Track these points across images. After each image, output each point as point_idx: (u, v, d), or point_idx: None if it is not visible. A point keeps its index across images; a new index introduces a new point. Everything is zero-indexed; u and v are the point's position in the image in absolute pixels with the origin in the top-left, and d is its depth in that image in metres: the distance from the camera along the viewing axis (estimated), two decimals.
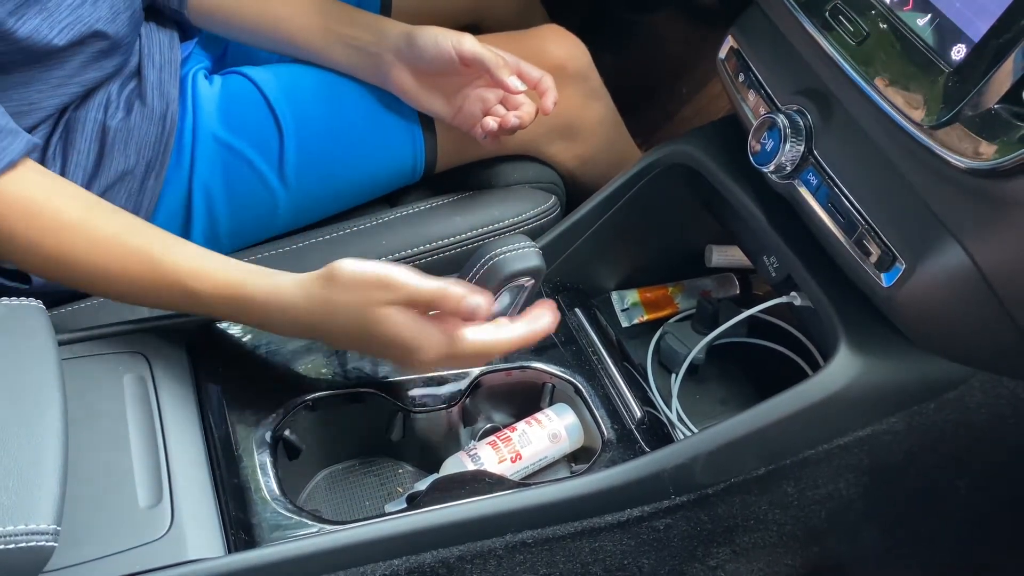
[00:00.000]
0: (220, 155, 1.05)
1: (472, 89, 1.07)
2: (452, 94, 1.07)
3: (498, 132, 1.06)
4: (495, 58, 1.03)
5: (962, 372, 0.84)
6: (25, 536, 0.63)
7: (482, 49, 1.03)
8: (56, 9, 0.92)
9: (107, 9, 0.97)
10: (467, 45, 1.03)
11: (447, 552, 0.78)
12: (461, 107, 1.07)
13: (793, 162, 0.86)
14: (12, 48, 0.91)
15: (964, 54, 0.72)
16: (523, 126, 1.06)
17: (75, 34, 0.94)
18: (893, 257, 0.78)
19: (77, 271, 0.83)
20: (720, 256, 1.11)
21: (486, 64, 1.03)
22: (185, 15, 1.09)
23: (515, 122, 1.05)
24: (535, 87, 1.06)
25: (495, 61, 1.03)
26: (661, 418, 0.95)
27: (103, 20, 0.96)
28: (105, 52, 0.99)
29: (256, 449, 0.83)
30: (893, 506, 0.92)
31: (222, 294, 0.82)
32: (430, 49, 1.04)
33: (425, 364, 0.80)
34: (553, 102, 1.05)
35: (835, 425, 0.84)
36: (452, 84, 1.07)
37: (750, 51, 0.95)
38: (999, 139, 0.68)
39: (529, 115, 1.06)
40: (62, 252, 0.82)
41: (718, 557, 0.89)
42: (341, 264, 0.79)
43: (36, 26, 0.91)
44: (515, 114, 1.05)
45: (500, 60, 1.03)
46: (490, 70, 1.03)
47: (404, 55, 1.06)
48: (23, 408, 0.70)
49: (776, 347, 1.03)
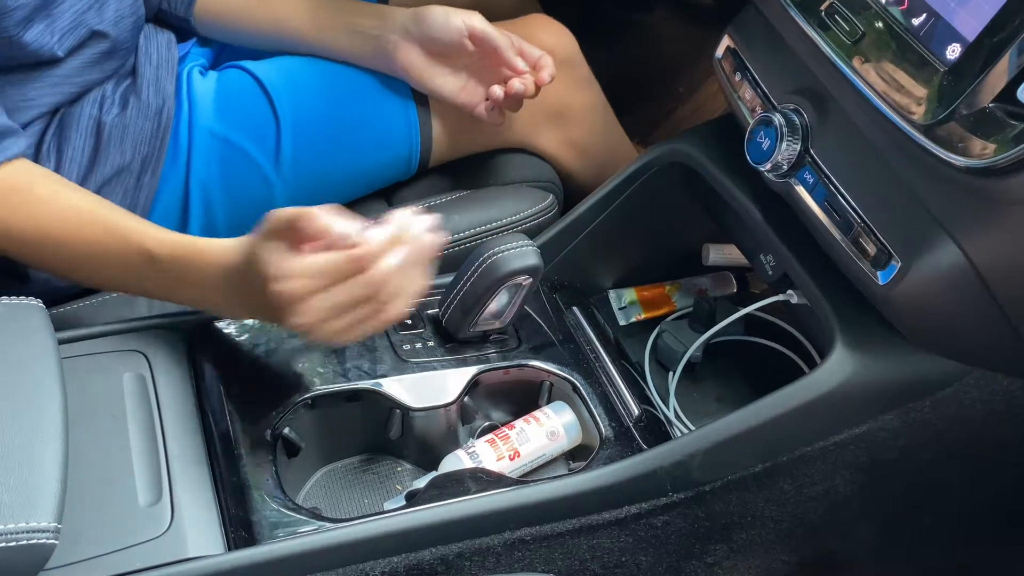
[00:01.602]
0: (216, 149, 1.06)
1: (476, 68, 1.08)
2: (457, 72, 1.09)
3: (504, 102, 1.07)
4: (504, 38, 1.06)
5: (957, 369, 0.85)
6: (26, 534, 0.63)
7: (491, 28, 1.06)
8: (61, 16, 0.92)
9: (111, 13, 0.97)
10: (477, 22, 1.06)
11: (446, 549, 0.78)
12: (466, 84, 1.09)
13: (789, 161, 0.86)
14: (15, 53, 0.91)
15: (959, 53, 0.72)
16: (528, 94, 1.07)
17: (76, 38, 0.95)
18: (889, 255, 0.78)
19: (43, 242, 0.86)
20: (717, 255, 1.11)
21: (495, 42, 1.05)
22: (192, 23, 1.10)
23: (520, 88, 1.06)
24: (534, 65, 1.08)
25: (504, 41, 1.05)
26: (658, 416, 0.95)
27: (106, 23, 0.97)
28: (106, 55, 0.99)
29: (255, 447, 0.83)
30: (889, 503, 0.92)
31: (178, 252, 0.83)
32: (440, 25, 1.06)
33: (285, 296, 0.77)
34: (550, 75, 1.07)
35: (831, 422, 0.84)
36: (457, 63, 1.08)
37: (746, 50, 0.95)
38: (994, 138, 0.68)
39: (532, 87, 1.07)
40: (34, 225, 0.85)
41: (715, 554, 0.89)
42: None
43: (39, 32, 0.92)
44: (519, 80, 1.06)
45: (508, 40, 1.06)
46: (498, 48, 1.05)
47: (412, 34, 1.07)
48: (23, 406, 0.70)
49: (773, 345, 1.04)
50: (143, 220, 0.88)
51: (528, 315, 0.99)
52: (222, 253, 0.83)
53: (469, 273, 0.90)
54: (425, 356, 0.93)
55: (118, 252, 0.85)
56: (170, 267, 0.84)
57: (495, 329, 0.95)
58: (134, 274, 0.86)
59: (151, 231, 0.86)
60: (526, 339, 0.97)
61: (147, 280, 0.86)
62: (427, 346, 0.94)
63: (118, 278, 0.88)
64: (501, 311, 0.93)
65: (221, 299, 0.84)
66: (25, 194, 0.86)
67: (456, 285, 0.91)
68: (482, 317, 0.92)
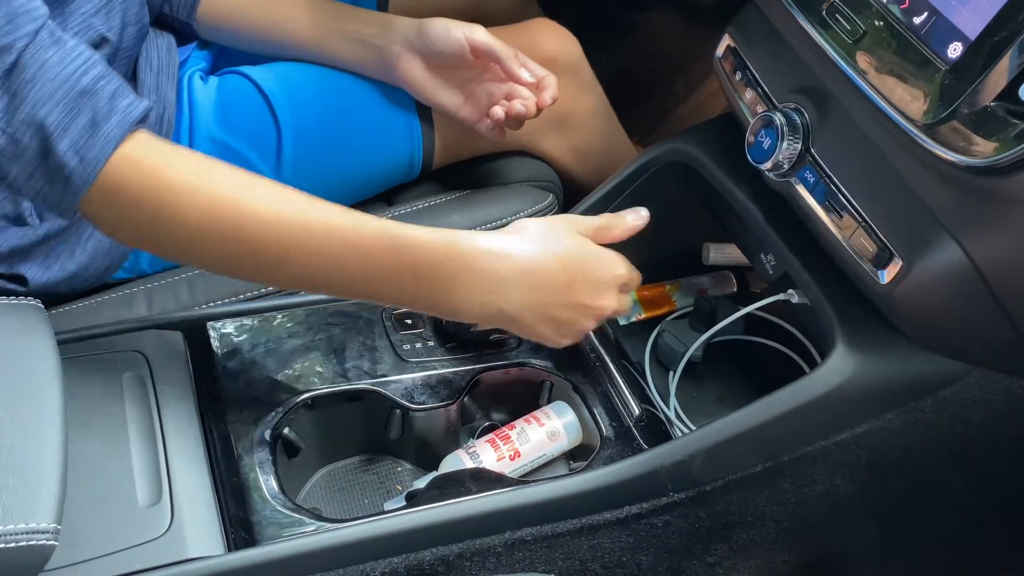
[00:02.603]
0: (217, 155, 1.05)
1: (479, 82, 1.07)
2: (459, 86, 1.08)
3: (505, 121, 1.06)
4: (507, 49, 1.04)
5: (958, 368, 0.85)
6: (26, 535, 0.63)
7: (494, 40, 1.04)
8: (71, 15, 0.92)
9: (117, 20, 0.97)
10: (479, 35, 1.04)
11: (446, 550, 0.78)
12: (468, 99, 1.08)
13: (790, 160, 0.86)
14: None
15: (960, 52, 0.72)
16: (529, 115, 1.06)
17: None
18: (890, 254, 0.78)
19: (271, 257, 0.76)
20: (717, 254, 1.11)
21: (498, 55, 1.04)
22: (194, 27, 1.10)
23: (521, 110, 1.05)
24: (538, 84, 1.07)
25: (507, 52, 1.04)
26: (659, 415, 0.95)
27: (113, 30, 0.96)
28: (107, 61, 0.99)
29: (255, 447, 0.83)
30: (890, 502, 0.92)
31: (433, 239, 0.77)
32: (441, 39, 1.04)
33: (615, 311, 0.85)
34: (552, 98, 1.06)
35: (832, 422, 0.84)
36: (459, 76, 1.07)
37: (747, 49, 0.95)
38: (995, 136, 0.68)
39: (533, 108, 1.06)
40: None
41: (716, 554, 0.89)
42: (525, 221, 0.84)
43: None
44: (520, 102, 1.05)
45: (511, 51, 1.04)
46: (501, 61, 1.04)
47: (414, 46, 1.06)
48: (23, 407, 0.70)
49: (773, 344, 1.04)
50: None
51: None
52: (504, 240, 0.81)
53: None
54: (425, 356, 0.93)
55: (360, 246, 0.76)
56: (426, 252, 0.77)
57: (495, 329, 0.95)
58: (379, 263, 0.77)
59: (388, 222, 0.78)
60: (526, 339, 0.96)
61: (399, 263, 0.77)
62: (427, 346, 0.94)
63: (354, 272, 0.77)
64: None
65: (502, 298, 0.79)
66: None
67: None
68: None
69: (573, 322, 0.84)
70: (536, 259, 0.81)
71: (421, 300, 0.80)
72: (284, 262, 0.76)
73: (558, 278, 0.82)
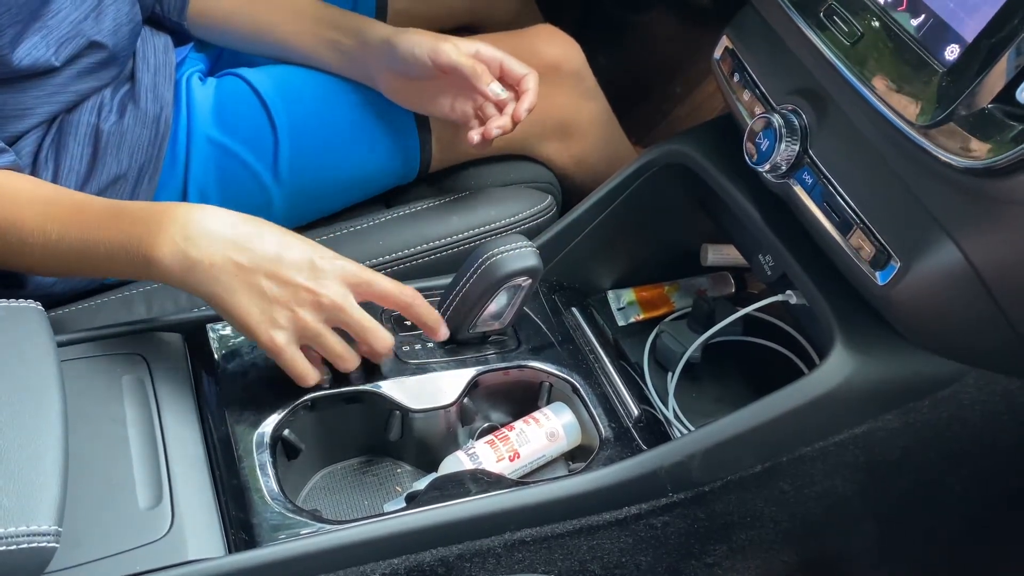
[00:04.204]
0: (214, 157, 1.06)
1: (459, 91, 1.06)
2: (439, 96, 1.06)
3: (481, 144, 1.04)
4: (473, 67, 1.01)
5: (956, 369, 0.85)
6: (26, 537, 0.63)
7: (459, 57, 1.01)
8: (57, 26, 0.92)
9: (110, 22, 0.97)
10: (443, 55, 1.01)
11: (446, 551, 0.78)
12: (452, 106, 1.07)
13: (788, 161, 0.86)
14: (9, 69, 0.91)
15: (957, 54, 0.72)
16: (506, 133, 1.04)
17: (74, 48, 0.95)
18: (888, 255, 0.78)
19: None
20: (716, 255, 1.11)
21: (464, 73, 1.01)
22: (185, 26, 1.10)
23: (497, 133, 1.03)
24: (517, 85, 1.04)
25: (473, 70, 1.01)
26: (658, 416, 0.95)
27: (104, 33, 0.96)
28: (103, 64, 0.99)
29: (255, 449, 0.83)
30: (889, 503, 0.93)
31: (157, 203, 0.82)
32: (408, 59, 1.03)
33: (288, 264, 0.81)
34: (528, 109, 1.03)
35: (831, 422, 0.84)
36: (437, 87, 1.06)
37: (745, 51, 0.95)
38: (993, 138, 0.68)
39: (509, 125, 1.03)
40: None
41: (715, 554, 0.89)
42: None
43: (34, 45, 0.91)
44: (496, 125, 1.02)
45: (477, 69, 1.01)
46: (469, 79, 1.01)
47: (387, 62, 1.05)
48: (23, 410, 0.70)
49: (772, 345, 1.04)
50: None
51: (527, 316, 0.99)
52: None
53: (468, 274, 0.90)
54: (424, 357, 0.93)
55: (45, 208, 0.83)
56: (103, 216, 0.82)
57: (494, 330, 0.95)
58: (65, 221, 0.83)
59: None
60: (525, 340, 0.97)
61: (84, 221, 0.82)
62: (426, 347, 0.94)
63: (45, 230, 0.83)
64: (500, 312, 0.93)
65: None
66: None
67: (455, 286, 0.91)
68: (481, 318, 0.92)
69: (284, 302, 0.81)
70: (249, 224, 0.81)
71: (128, 252, 0.81)
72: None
73: (267, 243, 0.81)
